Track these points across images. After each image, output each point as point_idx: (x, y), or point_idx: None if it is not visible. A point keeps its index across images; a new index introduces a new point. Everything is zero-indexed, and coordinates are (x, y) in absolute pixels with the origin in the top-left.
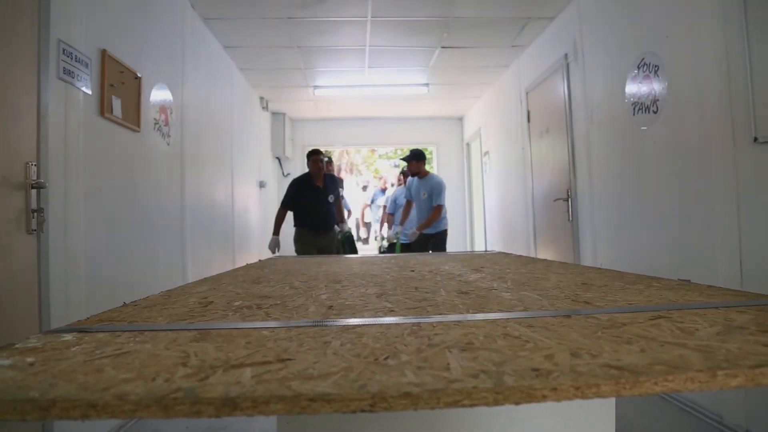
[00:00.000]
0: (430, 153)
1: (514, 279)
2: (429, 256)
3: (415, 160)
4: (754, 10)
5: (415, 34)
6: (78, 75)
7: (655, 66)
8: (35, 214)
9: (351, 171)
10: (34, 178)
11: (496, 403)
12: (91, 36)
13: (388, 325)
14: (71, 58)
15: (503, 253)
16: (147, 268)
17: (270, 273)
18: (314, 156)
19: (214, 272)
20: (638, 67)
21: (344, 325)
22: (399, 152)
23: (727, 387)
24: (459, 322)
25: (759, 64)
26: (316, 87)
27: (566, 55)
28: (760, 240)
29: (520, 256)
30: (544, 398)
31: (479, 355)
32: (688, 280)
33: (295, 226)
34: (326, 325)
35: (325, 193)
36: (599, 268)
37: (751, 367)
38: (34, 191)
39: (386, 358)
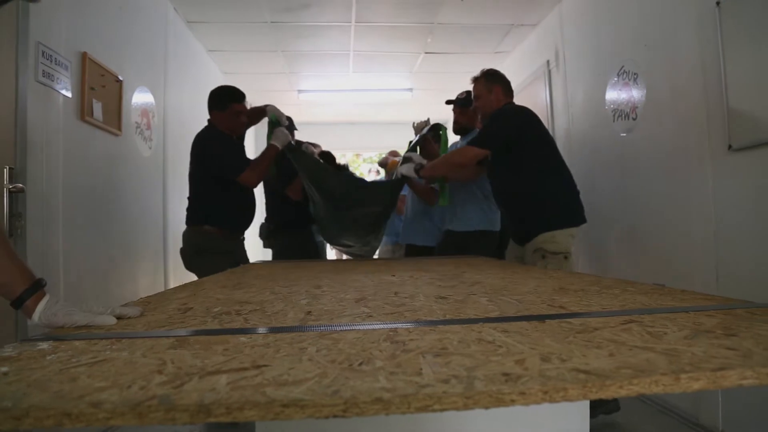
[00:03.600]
0: None
1: (492, 284)
2: (412, 261)
3: (466, 105)
4: (727, 19)
5: (399, 39)
6: (58, 78)
7: (634, 74)
8: (13, 218)
9: None
10: (13, 182)
11: (466, 407)
12: (72, 39)
13: (365, 331)
14: (51, 61)
15: (484, 258)
16: (127, 274)
17: (251, 278)
18: (234, 104)
19: (195, 277)
20: (618, 75)
21: (321, 331)
22: (384, 156)
23: (691, 389)
24: (435, 327)
25: (733, 73)
26: (300, 91)
27: (548, 62)
28: (735, 244)
29: (501, 261)
30: (513, 402)
31: (452, 360)
32: (663, 285)
33: (195, 224)
34: (304, 331)
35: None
36: (578, 273)
37: (712, 369)
38: (12, 195)
39: (360, 364)
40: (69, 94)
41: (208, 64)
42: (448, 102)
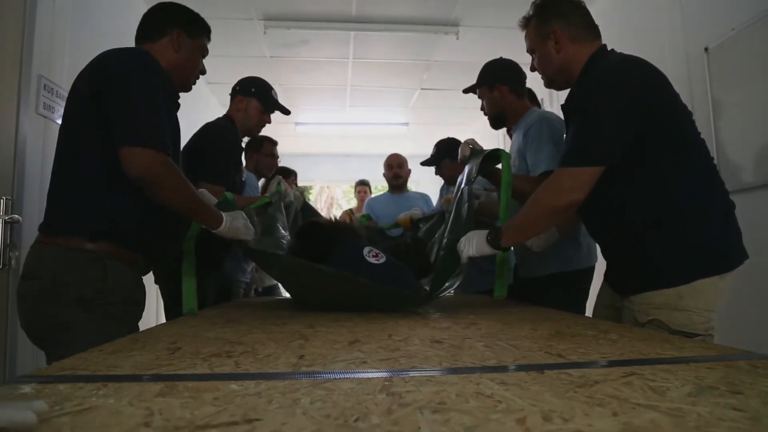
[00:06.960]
0: (408, 188)
1: (488, 326)
2: None
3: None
4: (715, 64)
5: (395, 75)
6: (58, 110)
7: None
8: (7, 249)
9: (331, 205)
10: (9, 213)
11: None
12: (74, 72)
13: (360, 380)
14: (52, 93)
15: (478, 294)
16: None
17: (243, 315)
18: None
19: None
20: None
21: (315, 379)
22: (379, 187)
23: None
24: (431, 377)
25: (720, 117)
26: (297, 123)
27: (542, 99)
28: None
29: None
30: None
31: (451, 418)
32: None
33: (81, 235)
34: (297, 378)
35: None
36: (573, 315)
37: None
38: (7, 226)
39: (356, 420)
40: None
41: (207, 96)
42: (470, 90)
